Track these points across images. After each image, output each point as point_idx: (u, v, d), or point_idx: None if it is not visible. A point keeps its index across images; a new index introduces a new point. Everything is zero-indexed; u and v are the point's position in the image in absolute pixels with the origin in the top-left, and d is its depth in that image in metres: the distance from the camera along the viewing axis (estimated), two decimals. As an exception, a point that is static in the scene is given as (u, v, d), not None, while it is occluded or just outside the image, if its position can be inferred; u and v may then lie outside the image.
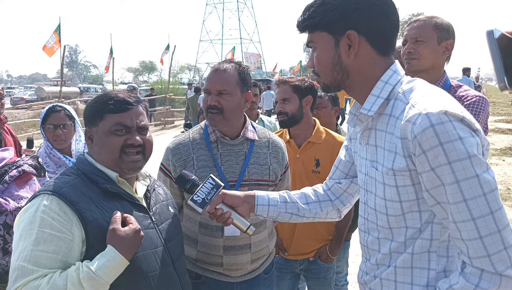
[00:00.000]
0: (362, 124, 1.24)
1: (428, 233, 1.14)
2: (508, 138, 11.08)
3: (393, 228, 1.19)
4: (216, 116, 1.77)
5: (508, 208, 5.61)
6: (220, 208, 1.46)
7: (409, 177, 1.10)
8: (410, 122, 1.04)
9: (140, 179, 1.58)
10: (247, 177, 1.83)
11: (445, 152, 0.98)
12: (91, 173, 1.39)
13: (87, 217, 1.27)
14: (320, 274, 2.49)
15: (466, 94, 1.99)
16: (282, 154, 1.98)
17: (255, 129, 1.96)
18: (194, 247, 1.86)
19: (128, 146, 1.40)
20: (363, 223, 1.32)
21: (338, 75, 1.22)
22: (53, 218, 1.24)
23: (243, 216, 1.49)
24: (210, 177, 1.47)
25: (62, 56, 13.91)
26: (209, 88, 1.79)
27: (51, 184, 1.33)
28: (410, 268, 1.17)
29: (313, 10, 1.20)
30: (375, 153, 1.21)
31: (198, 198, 1.45)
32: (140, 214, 1.42)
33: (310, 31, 1.24)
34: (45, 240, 1.21)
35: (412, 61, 2.01)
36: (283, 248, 2.45)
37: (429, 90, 1.13)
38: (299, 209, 1.53)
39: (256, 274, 1.93)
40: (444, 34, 1.99)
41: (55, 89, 28.06)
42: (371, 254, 1.29)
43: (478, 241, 0.99)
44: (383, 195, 1.18)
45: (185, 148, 1.84)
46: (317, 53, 1.24)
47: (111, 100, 1.41)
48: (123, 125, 1.39)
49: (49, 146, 2.40)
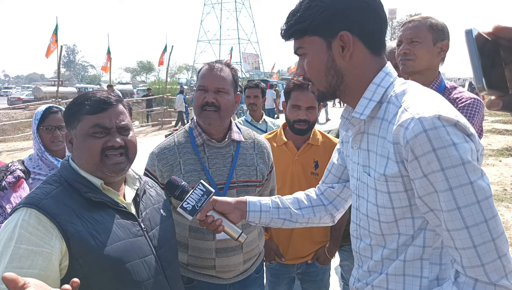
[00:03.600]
0: (354, 128, 1.21)
1: (421, 240, 1.11)
2: (505, 139, 11.11)
3: (386, 235, 1.17)
4: (213, 114, 1.76)
5: (504, 209, 5.63)
6: (211, 215, 1.41)
7: (402, 183, 1.07)
8: (403, 127, 1.01)
9: (129, 183, 1.50)
10: (235, 179, 1.82)
11: (438, 158, 0.95)
12: (74, 181, 1.32)
13: (69, 230, 1.21)
14: (317, 277, 2.47)
15: (460, 96, 1.97)
16: (267, 154, 1.98)
17: (240, 130, 1.95)
18: (185, 252, 1.84)
19: (109, 148, 1.32)
20: (355, 229, 1.29)
21: (333, 79, 1.17)
22: (31, 233, 1.18)
23: (235, 223, 1.45)
24: (200, 183, 1.42)
25: (59, 56, 13.89)
26: (207, 85, 1.77)
27: (32, 195, 1.27)
28: (402, 275, 1.15)
29: (300, 15, 1.15)
30: (367, 157, 1.18)
31: (188, 205, 1.40)
32: (127, 221, 1.36)
33: (298, 37, 1.19)
34: (21, 256, 1.16)
35: (407, 62, 1.99)
36: (280, 254, 2.42)
37: (422, 93, 1.09)
38: (291, 215, 1.49)
39: (247, 275, 1.93)
40: (440, 34, 1.97)
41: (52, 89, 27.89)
42: (363, 261, 1.26)
43: (472, 250, 0.96)
44: (375, 201, 1.15)
45: (171, 153, 1.81)
46: (308, 58, 1.19)
47: (87, 100, 1.33)
48: (101, 126, 1.31)
49: (41, 148, 2.36)
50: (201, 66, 1.94)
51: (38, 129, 2.37)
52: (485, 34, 0.67)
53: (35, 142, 2.40)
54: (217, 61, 1.86)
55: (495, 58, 0.68)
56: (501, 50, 0.68)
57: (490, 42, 0.67)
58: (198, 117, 1.82)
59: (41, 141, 2.37)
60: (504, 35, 0.67)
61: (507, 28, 0.66)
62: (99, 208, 1.31)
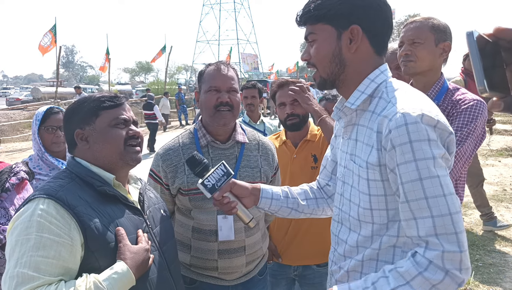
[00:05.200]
0: (346, 117, 1.30)
1: (395, 231, 1.18)
2: (504, 139, 11.12)
3: (362, 221, 1.24)
4: (228, 113, 1.78)
5: (504, 209, 5.63)
6: (227, 197, 1.42)
7: (379, 172, 1.15)
8: (387, 118, 1.11)
9: (132, 183, 1.56)
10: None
11: (413, 149, 1.04)
12: (86, 176, 1.36)
13: (86, 222, 1.24)
14: (315, 280, 2.45)
15: (463, 98, 1.94)
16: (272, 156, 1.98)
17: (244, 132, 1.95)
18: (187, 253, 1.84)
19: (130, 138, 1.42)
20: (337, 213, 1.37)
21: (336, 67, 1.25)
22: (51, 222, 1.19)
23: (247, 208, 1.46)
24: (222, 164, 1.43)
25: (58, 56, 13.88)
26: (219, 86, 1.78)
27: (46, 187, 1.28)
28: (376, 260, 1.22)
29: (320, 3, 1.23)
30: (354, 147, 1.26)
31: (208, 183, 1.39)
32: (136, 217, 1.41)
33: (312, 23, 1.26)
34: (44, 245, 1.17)
35: (409, 63, 1.98)
36: (277, 254, 2.42)
37: (410, 92, 1.19)
38: (298, 205, 1.55)
39: (250, 277, 1.92)
40: (441, 35, 1.95)
41: (51, 89, 27.83)
42: (339, 244, 1.34)
43: (434, 237, 1.03)
44: (358, 186, 1.23)
45: (175, 154, 1.82)
46: (317, 44, 1.26)
47: (102, 97, 1.43)
48: (122, 118, 1.42)
49: (41, 149, 2.35)
50: (201, 67, 1.94)
51: (39, 129, 2.36)
52: (485, 35, 0.68)
53: (35, 143, 2.38)
54: (220, 61, 1.87)
55: (496, 59, 0.68)
56: (502, 51, 0.68)
57: (491, 44, 0.68)
58: (211, 118, 1.80)
59: (42, 142, 2.36)
60: (505, 36, 0.67)
61: (508, 29, 0.67)
62: (111, 202, 1.36)
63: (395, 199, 1.16)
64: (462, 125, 1.85)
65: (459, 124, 1.86)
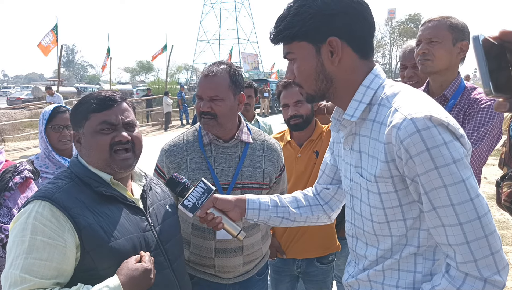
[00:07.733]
0: (345, 129, 1.23)
1: (416, 240, 1.14)
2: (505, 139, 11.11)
3: (378, 235, 1.19)
4: (210, 121, 1.76)
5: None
6: (211, 213, 1.43)
7: (392, 183, 1.10)
8: (395, 127, 1.03)
9: (136, 179, 1.55)
10: (240, 180, 1.82)
11: (432, 157, 0.99)
12: (84, 176, 1.36)
13: (81, 223, 1.24)
14: (318, 277, 2.48)
15: (480, 97, 1.92)
16: (277, 157, 1.97)
17: (250, 132, 1.94)
18: (187, 249, 1.86)
19: (117, 143, 1.36)
20: (350, 228, 1.32)
21: (322, 84, 1.19)
22: (45, 225, 1.21)
23: (234, 221, 1.47)
24: (201, 181, 1.43)
25: (59, 55, 13.90)
26: (201, 94, 1.77)
27: (44, 189, 1.30)
28: (397, 270, 1.18)
29: (289, 21, 1.16)
30: (359, 158, 1.20)
31: (188, 203, 1.41)
32: (136, 216, 1.40)
33: (287, 42, 1.19)
34: (38, 247, 1.19)
35: (426, 62, 1.95)
36: (281, 250, 2.44)
37: (413, 94, 1.12)
38: (290, 213, 1.51)
39: (248, 276, 1.92)
40: (459, 34, 1.92)
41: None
42: (360, 259, 1.29)
43: (465, 246, 1.00)
44: (368, 201, 1.18)
45: (179, 150, 1.84)
46: (298, 63, 1.19)
47: (93, 99, 1.38)
48: (108, 122, 1.36)
49: (48, 148, 2.38)
50: (202, 67, 1.95)
51: (46, 128, 2.39)
52: (491, 38, 0.69)
53: (41, 142, 2.41)
54: (215, 63, 1.84)
55: (502, 61, 0.70)
56: (507, 54, 0.70)
57: (496, 46, 0.70)
58: (200, 123, 1.83)
59: (49, 141, 2.38)
60: (510, 39, 0.69)
61: None
62: (110, 202, 1.35)
63: (411, 208, 1.11)
64: (479, 124, 1.84)
65: (476, 124, 1.84)
